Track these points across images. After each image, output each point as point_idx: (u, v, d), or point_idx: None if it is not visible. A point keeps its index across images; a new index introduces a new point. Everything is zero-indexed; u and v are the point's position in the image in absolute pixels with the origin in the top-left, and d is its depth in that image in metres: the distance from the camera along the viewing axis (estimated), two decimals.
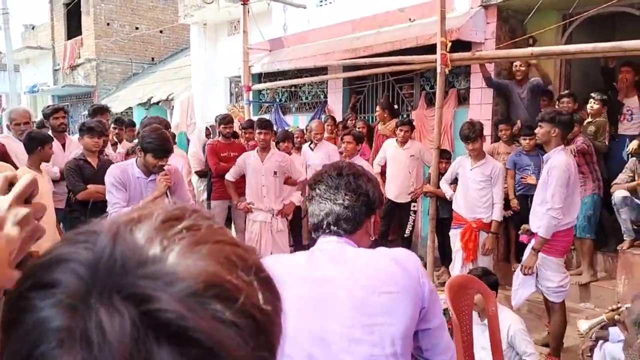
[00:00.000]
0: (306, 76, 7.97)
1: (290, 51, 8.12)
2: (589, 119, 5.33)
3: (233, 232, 6.70)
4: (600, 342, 2.88)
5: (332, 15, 7.62)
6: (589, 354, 3.44)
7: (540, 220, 3.78)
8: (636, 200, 4.71)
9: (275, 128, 8.52)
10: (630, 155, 5.31)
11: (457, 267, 4.79)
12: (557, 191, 3.65)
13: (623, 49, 4.46)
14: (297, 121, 8.58)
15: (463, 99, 6.50)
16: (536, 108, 5.47)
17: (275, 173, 5.34)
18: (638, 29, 5.49)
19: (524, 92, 5.64)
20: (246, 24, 7.84)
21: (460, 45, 5.69)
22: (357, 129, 6.66)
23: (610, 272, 5.13)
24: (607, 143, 5.33)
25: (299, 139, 6.75)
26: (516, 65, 5.73)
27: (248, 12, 7.83)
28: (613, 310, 3.04)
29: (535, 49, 5.09)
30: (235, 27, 10.25)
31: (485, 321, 3.25)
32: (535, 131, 4.01)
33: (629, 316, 1.58)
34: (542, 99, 5.70)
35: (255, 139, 5.53)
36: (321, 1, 8.18)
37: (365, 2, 7.22)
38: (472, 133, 4.62)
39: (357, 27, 7.18)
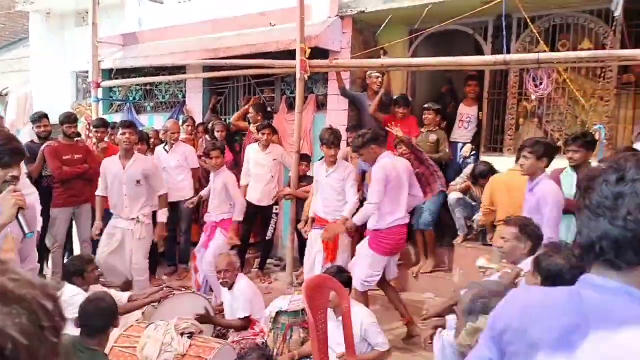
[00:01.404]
0: (164, 74, 7.62)
1: (145, 47, 7.70)
2: (430, 128, 5.83)
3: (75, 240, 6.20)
4: (440, 329, 3.13)
5: (192, 13, 7.38)
6: (430, 342, 3.74)
7: (359, 212, 4.48)
8: (468, 200, 5.27)
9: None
10: (464, 159, 5.96)
11: (318, 268, 4.92)
12: (374, 189, 4.36)
13: (461, 64, 4.98)
14: (152, 121, 8.15)
15: (321, 105, 6.72)
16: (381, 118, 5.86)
17: (138, 182, 4.98)
18: (472, 46, 6.19)
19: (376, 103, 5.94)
20: (96, 15, 7.25)
21: (319, 52, 5.88)
22: (216, 132, 6.54)
23: (448, 264, 5.66)
24: (447, 151, 5.86)
25: (153, 140, 6.42)
26: (371, 77, 6.05)
27: (98, 2, 7.26)
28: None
29: (386, 61, 5.46)
30: (84, 18, 9.43)
31: (340, 318, 3.37)
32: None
33: (461, 305, 1.73)
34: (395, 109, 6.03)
35: (118, 140, 5.05)
36: None
37: (226, 3, 7.11)
38: (335, 139, 4.82)
39: (217, 27, 7.05)
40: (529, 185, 3.80)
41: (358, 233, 5.01)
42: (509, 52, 5.32)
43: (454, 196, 5.30)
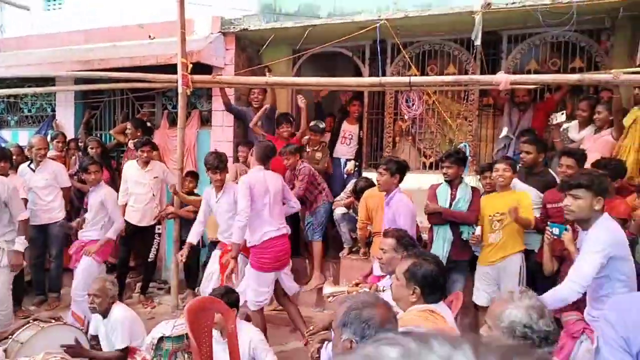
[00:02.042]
0: (30, 86, 6.99)
1: (8, 56, 7.02)
2: (315, 147, 6.01)
3: None
4: (326, 342, 3.19)
5: (62, 21, 6.89)
6: (317, 355, 3.80)
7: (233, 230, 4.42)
8: (352, 214, 5.48)
9: None
10: (348, 175, 6.20)
11: (211, 287, 4.77)
12: (238, 203, 4.35)
13: (340, 84, 5.19)
14: (16, 137, 7.42)
15: (206, 120, 6.60)
16: (268, 131, 5.90)
17: None
18: (350, 67, 6.49)
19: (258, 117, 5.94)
20: None
21: (202, 67, 5.78)
22: (89, 149, 6.14)
23: (335, 276, 5.81)
24: (326, 165, 6.09)
25: (16, 158, 5.83)
26: (254, 93, 6.09)
27: None
28: (356, 284, 3.51)
29: (270, 79, 5.52)
30: None
31: (226, 339, 3.30)
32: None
33: (335, 320, 1.78)
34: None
35: None
36: (49, 5, 7.33)
37: (100, 13, 6.74)
38: (220, 163, 4.71)
39: (90, 37, 6.64)
40: (386, 199, 4.14)
41: None
42: (384, 74, 5.68)
43: (339, 211, 5.49)
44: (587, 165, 3.98)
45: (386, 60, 6.05)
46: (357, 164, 6.34)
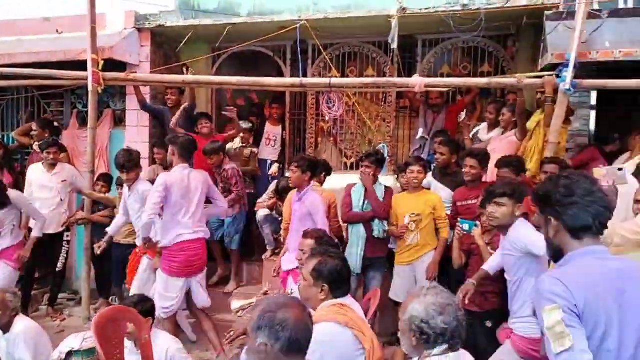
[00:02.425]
0: None
1: None
2: (243, 144, 5.89)
3: None
4: (245, 347, 3.14)
5: None
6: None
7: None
8: (275, 216, 5.44)
9: None
10: (271, 177, 6.15)
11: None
12: (150, 197, 4.14)
13: (261, 84, 5.11)
14: None
15: (119, 120, 6.29)
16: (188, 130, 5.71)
17: None
18: (272, 68, 6.45)
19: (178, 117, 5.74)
20: None
21: (115, 65, 5.50)
22: None
23: (257, 278, 5.74)
24: (256, 166, 6.02)
25: None
26: (168, 93, 5.87)
27: None
28: (265, 294, 3.48)
29: (187, 77, 5.34)
30: None
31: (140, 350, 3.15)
32: None
33: (249, 324, 1.74)
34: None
35: None
36: None
37: (2, 4, 6.24)
38: (127, 162, 4.49)
39: None
40: (297, 196, 4.18)
41: None
42: (305, 75, 5.69)
43: (261, 213, 5.42)
44: (492, 163, 4.20)
45: (307, 61, 6.07)
46: (280, 166, 6.30)
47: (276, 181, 5.66)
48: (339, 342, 2.26)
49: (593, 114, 5.46)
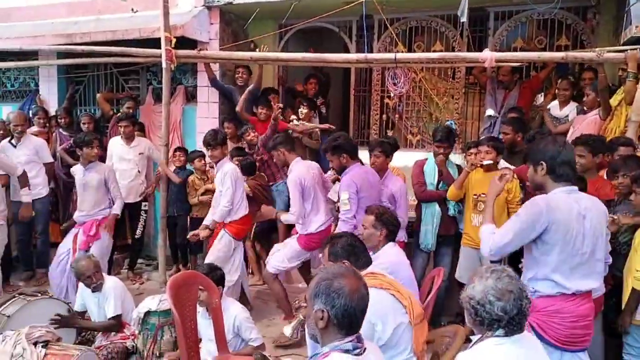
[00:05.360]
0: (11, 60, 6.84)
1: None
2: (304, 121, 5.95)
3: None
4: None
5: None
6: (302, 329, 3.88)
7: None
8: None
9: None
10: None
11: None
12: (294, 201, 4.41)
13: (325, 60, 5.12)
14: (0, 112, 7.31)
15: (191, 96, 6.53)
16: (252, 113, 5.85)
17: None
18: (338, 44, 6.44)
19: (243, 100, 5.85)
20: None
21: (187, 42, 5.70)
22: (82, 125, 6.09)
23: None
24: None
25: (1, 133, 5.77)
26: (239, 72, 6.00)
27: None
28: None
29: (254, 54, 5.45)
30: None
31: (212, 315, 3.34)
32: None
33: (308, 292, 1.83)
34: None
35: None
36: None
37: None
38: (212, 140, 4.67)
39: (73, 10, 6.51)
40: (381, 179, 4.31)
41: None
42: (371, 51, 5.64)
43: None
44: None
45: (373, 37, 6.01)
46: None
47: None
48: (378, 304, 2.27)
49: None
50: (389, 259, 3.14)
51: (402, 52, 5.32)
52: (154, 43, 5.37)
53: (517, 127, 4.47)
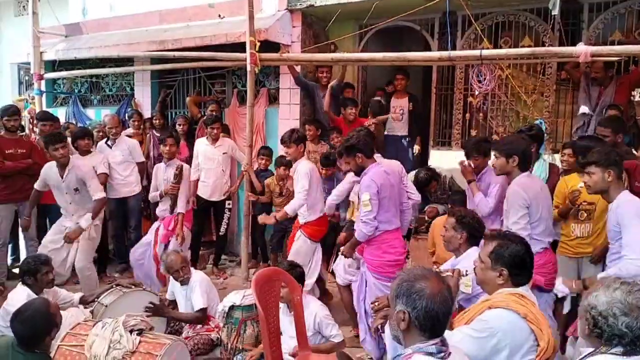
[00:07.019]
0: (110, 66, 7.38)
1: (90, 38, 7.43)
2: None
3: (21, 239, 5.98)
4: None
5: (138, 3, 7.17)
6: (381, 331, 3.83)
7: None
8: None
9: (74, 122, 7.74)
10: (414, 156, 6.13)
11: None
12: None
13: (407, 59, 5.06)
14: (99, 115, 7.88)
15: (273, 99, 6.70)
16: (334, 109, 5.90)
17: (76, 190, 4.89)
18: (419, 42, 6.33)
19: (328, 98, 5.97)
20: (36, 4, 6.95)
21: (270, 45, 5.86)
22: (177, 126, 6.46)
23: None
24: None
25: (100, 134, 6.23)
26: (322, 72, 6.10)
27: None
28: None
29: (335, 55, 5.50)
30: (24, 6, 9.01)
31: (293, 312, 3.40)
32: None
33: (390, 292, 1.80)
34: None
35: (51, 154, 4.86)
36: None
37: None
38: (288, 138, 4.76)
39: (164, 18, 6.90)
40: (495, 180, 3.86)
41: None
42: (454, 48, 5.49)
43: None
44: None
45: (456, 34, 5.85)
46: (419, 148, 6.18)
47: (414, 172, 5.54)
48: (516, 332, 2.10)
49: None
50: (470, 263, 3.00)
51: (488, 48, 5.11)
52: (240, 46, 5.56)
53: (617, 128, 4.07)
